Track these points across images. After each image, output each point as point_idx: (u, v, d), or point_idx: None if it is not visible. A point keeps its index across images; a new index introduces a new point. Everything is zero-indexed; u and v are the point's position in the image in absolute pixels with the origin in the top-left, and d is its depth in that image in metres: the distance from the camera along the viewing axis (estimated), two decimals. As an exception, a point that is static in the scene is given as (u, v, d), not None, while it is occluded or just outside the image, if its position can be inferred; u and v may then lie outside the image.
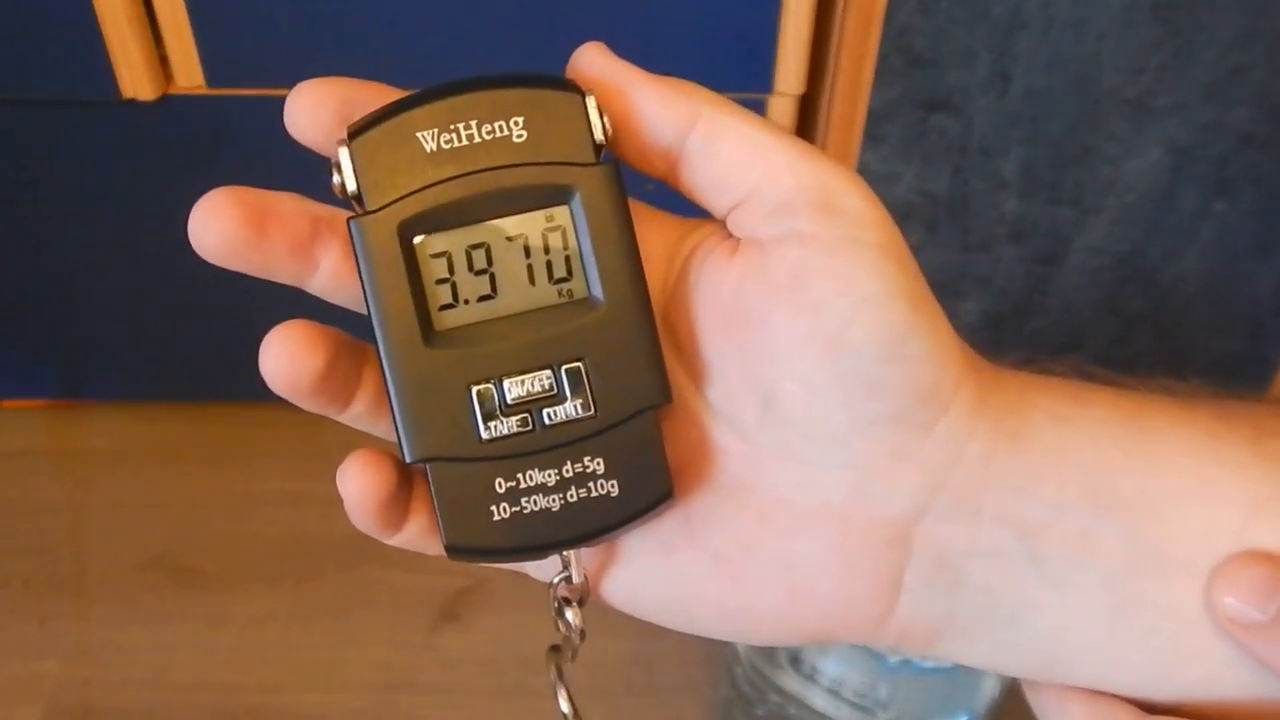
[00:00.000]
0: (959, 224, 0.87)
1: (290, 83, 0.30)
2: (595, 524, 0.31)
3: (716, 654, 0.75)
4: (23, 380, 0.92)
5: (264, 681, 0.78)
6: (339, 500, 0.29)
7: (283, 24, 0.67)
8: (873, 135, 0.80)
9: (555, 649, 0.35)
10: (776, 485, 0.32)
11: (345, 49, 0.68)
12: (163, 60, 0.70)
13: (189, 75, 0.70)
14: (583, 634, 0.34)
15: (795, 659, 0.61)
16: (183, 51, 0.69)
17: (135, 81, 0.69)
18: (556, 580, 0.33)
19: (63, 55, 0.69)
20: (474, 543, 0.31)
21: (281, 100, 0.30)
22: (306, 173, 0.32)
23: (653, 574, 0.33)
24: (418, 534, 0.32)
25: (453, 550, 0.31)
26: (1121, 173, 0.84)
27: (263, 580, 0.83)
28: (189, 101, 0.71)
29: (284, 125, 0.30)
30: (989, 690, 0.62)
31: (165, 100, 0.71)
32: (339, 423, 0.33)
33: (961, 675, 0.61)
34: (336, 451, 0.31)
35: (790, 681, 0.62)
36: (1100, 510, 0.31)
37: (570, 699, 0.35)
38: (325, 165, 0.30)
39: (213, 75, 0.69)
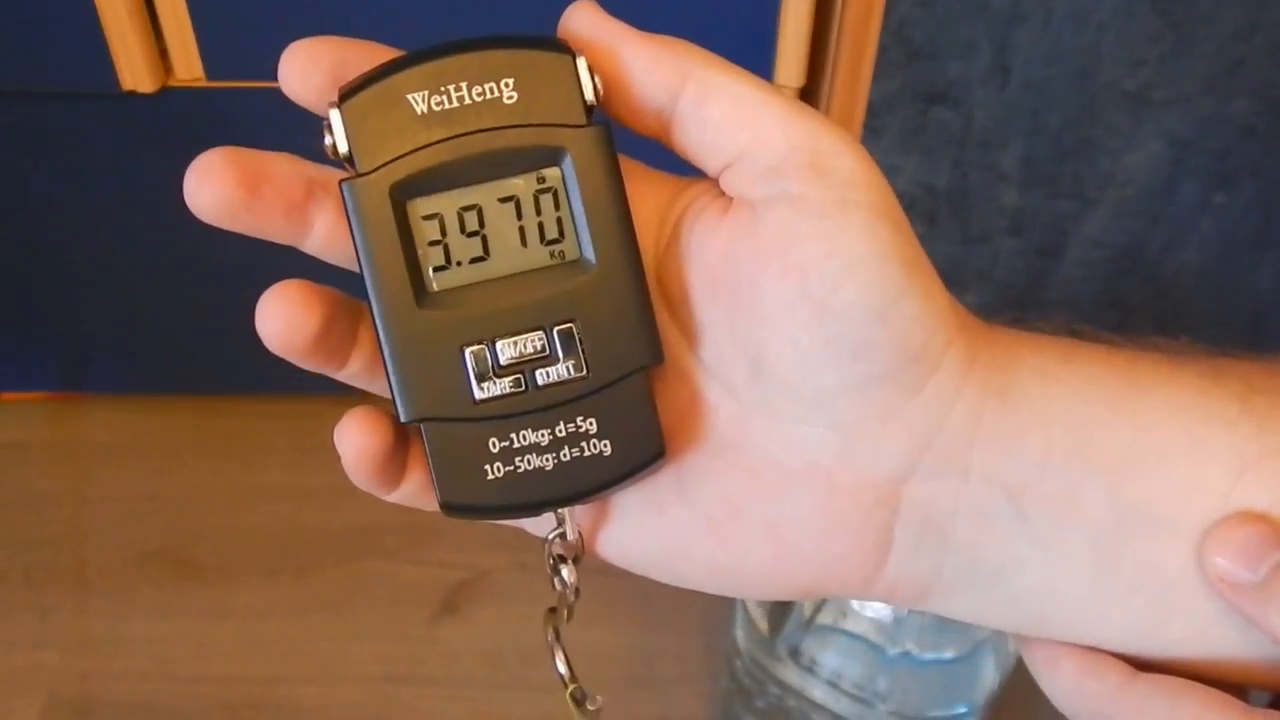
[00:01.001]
0: (959, 217, 0.87)
1: (289, 75, 0.30)
2: (588, 483, 0.31)
3: (716, 646, 0.75)
4: (22, 372, 0.92)
5: (264, 674, 0.78)
6: (339, 493, 0.29)
7: (282, 16, 0.67)
8: (872, 128, 0.80)
9: (552, 611, 0.35)
10: (766, 444, 0.32)
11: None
12: (162, 53, 0.70)
13: (188, 67, 0.69)
14: (577, 591, 0.34)
15: (795, 651, 0.61)
16: (182, 44, 0.69)
17: (135, 74, 0.69)
18: (551, 537, 0.33)
19: (62, 47, 0.69)
20: (468, 500, 0.31)
21: (280, 93, 0.30)
22: (306, 165, 0.32)
23: (645, 531, 0.33)
24: (414, 490, 0.32)
25: (447, 508, 0.32)
26: (1121, 165, 0.84)
27: (263, 573, 0.83)
28: (188, 94, 0.71)
29: (284, 116, 0.30)
30: (988, 682, 0.62)
31: (165, 92, 0.71)
32: (338, 415, 0.33)
33: (961, 667, 0.61)
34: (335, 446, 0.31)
35: (789, 673, 0.62)
36: (1086, 468, 0.31)
37: (567, 660, 0.35)
38: (317, 128, 0.30)
39: (212, 68, 0.69)
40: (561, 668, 0.35)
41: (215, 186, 0.29)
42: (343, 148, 0.30)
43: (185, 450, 0.90)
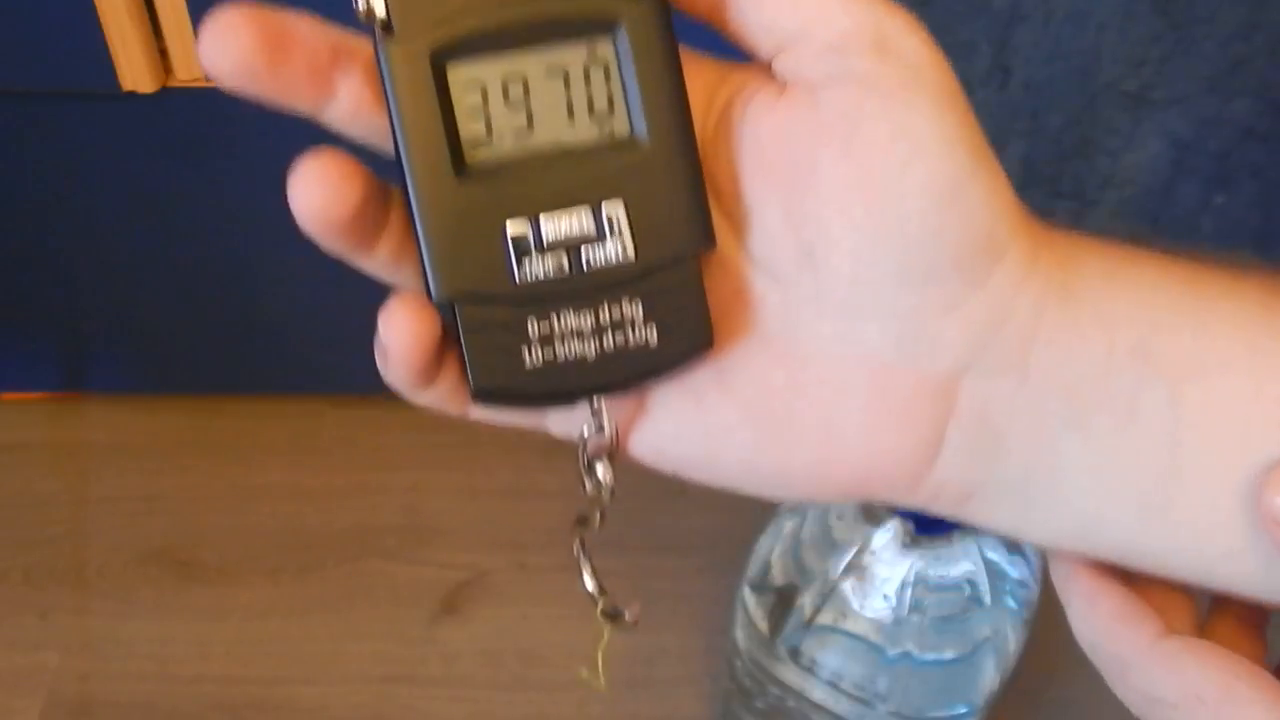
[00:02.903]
0: (959, 217, 0.86)
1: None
2: (631, 372, 0.30)
3: (716, 646, 0.75)
4: (22, 372, 0.92)
5: (264, 674, 0.78)
6: (339, 493, 0.29)
7: (282, 16, 0.67)
8: (873, 128, 0.79)
9: (580, 522, 0.33)
10: (816, 337, 0.31)
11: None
12: (162, 53, 0.70)
13: (188, 68, 0.69)
14: (612, 492, 0.33)
15: (795, 651, 0.61)
16: (182, 44, 0.69)
17: (135, 74, 0.69)
18: (585, 433, 0.31)
19: (62, 47, 0.69)
20: (503, 386, 0.30)
21: (280, 93, 0.30)
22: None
23: (682, 426, 0.32)
24: (446, 391, 0.30)
25: (481, 394, 0.30)
26: (1121, 166, 0.84)
27: (263, 573, 0.83)
28: (188, 94, 0.71)
29: (284, 117, 0.30)
30: (988, 682, 0.62)
31: (165, 93, 0.70)
32: (338, 416, 0.32)
33: (961, 667, 0.61)
34: (336, 445, 0.31)
35: (789, 674, 0.62)
36: (1147, 374, 0.30)
37: (595, 575, 0.33)
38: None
39: (212, 68, 0.69)
40: (590, 584, 0.33)
41: (236, 46, 0.28)
42: (379, 10, 0.28)
43: (185, 450, 0.90)
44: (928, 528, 0.57)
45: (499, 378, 0.29)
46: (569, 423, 0.32)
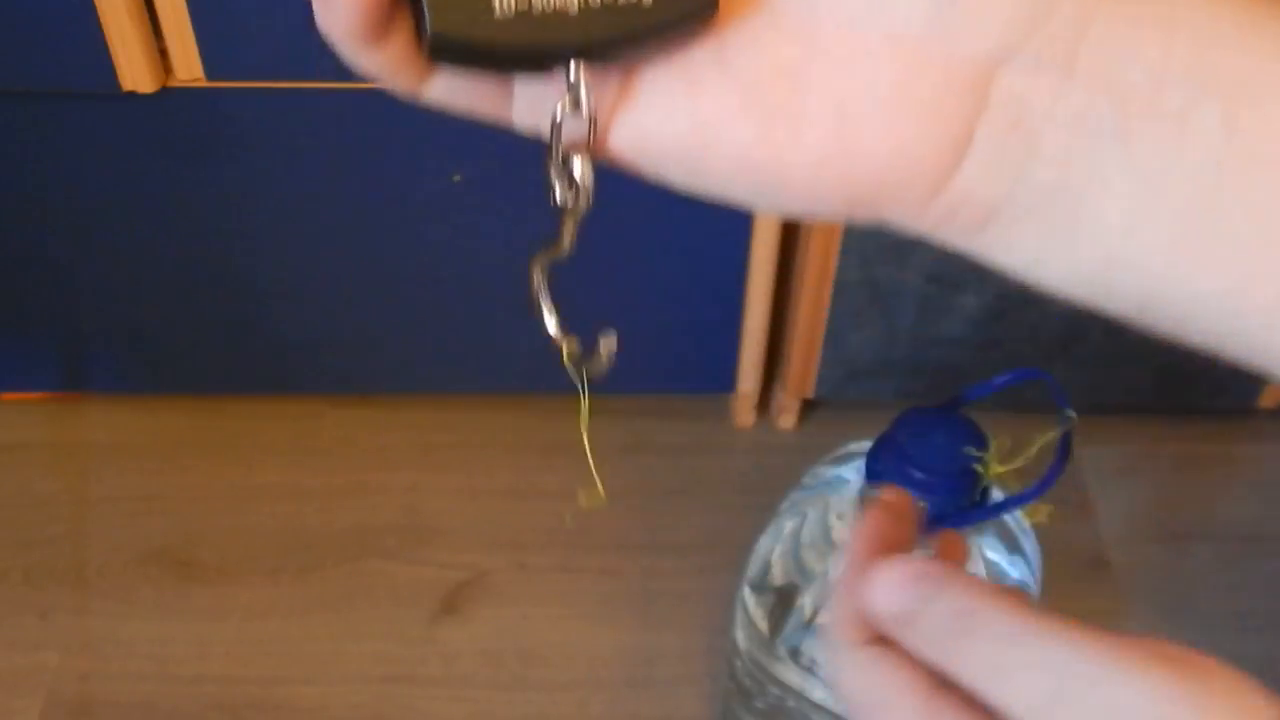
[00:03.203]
0: (959, 217, 0.86)
1: (289, 76, 0.29)
2: (617, 33, 0.25)
3: (716, 646, 0.75)
4: (22, 373, 0.92)
5: (264, 674, 0.78)
6: (339, 493, 0.28)
7: (281, 17, 0.67)
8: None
9: (541, 253, 0.28)
10: (836, 9, 0.27)
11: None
12: (162, 53, 0.70)
13: (188, 68, 0.69)
14: (590, 201, 0.28)
15: (795, 651, 0.61)
16: (182, 44, 0.69)
17: (135, 74, 0.69)
18: (558, 117, 0.27)
19: (63, 48, 0.69)
20: (466, 36, 0.24)
21: (280, 93, 0.30)
22: (305, 165, 0.32)
23: (672, 112, 0.28)
24: (399, 52, 0.26)
25: (438, 45, 0.25)
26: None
27: (263, 573, 0.83)
28: (188, 94, 0.71)
29: (283, 116, 0.29)
30: (988, 683, 0.62)
31: (164, 93, 0.70)
32: (338, 415, 0.32)
33: (961, 668, 0.61)
34: (336, 445, 0.31)
35: (790, 674, 0.62)
36: (1202, 89, 0.27)
37: (557, 313, 0.28)
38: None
39: (212, 68, 0.69)
40: (551, 326, 0.28)
41: None
42: None
43: (185, 450, 0.90)
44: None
45: (461, 25, 0.24)
46: (538, 105, 0.27)
